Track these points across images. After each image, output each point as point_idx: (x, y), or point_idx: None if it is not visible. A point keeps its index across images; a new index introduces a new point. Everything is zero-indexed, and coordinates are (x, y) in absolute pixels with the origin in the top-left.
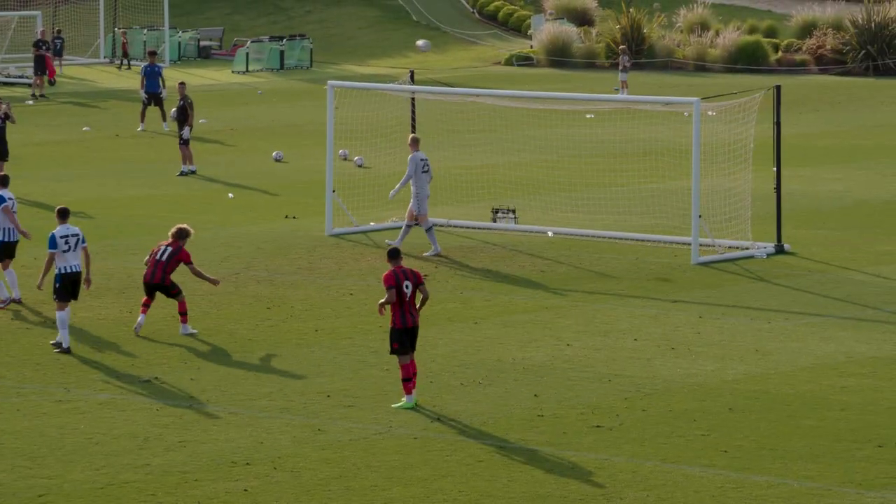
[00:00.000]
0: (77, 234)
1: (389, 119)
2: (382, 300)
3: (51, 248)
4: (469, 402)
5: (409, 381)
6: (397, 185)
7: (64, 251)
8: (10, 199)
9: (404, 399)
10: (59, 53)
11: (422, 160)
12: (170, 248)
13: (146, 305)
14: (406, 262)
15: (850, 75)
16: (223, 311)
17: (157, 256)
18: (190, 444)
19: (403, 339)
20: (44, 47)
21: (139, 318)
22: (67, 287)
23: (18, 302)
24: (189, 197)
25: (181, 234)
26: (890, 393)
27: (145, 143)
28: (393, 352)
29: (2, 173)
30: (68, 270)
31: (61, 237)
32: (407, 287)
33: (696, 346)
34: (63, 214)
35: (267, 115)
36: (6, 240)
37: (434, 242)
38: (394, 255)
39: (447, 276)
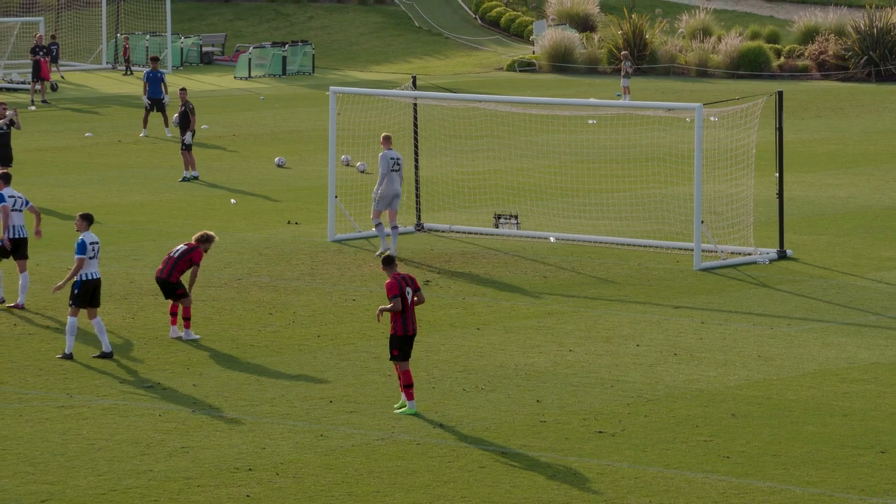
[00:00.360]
0: (98, 242)
1: (392, 125)
2: (385, 307)
3: (80, 253)
4: (471, 408)
5: (410, 386)
6: (376, 187)
7: (90, 258)
8: (10, 197)
9: (406, 405)
10: (55, 59)
11: (392, 158)
12: (185, 247)
13: (174, 314)
14: (407, 267)
15: (853, 81)
16: (225, 317)
17: (172, 253)
18: (192, 449)
19: (405, 345)
20: (41, 53)
21: (171, 330)
22: (86, 294)
23: (21, 308)
24: (191, 203)
25: (203, 238)
26: (892, 399)
27: (148, 148)
28: (393, 358)
29: (3, 171)
30: (89, 277)
31: (90, 243)
32: (409, 294)
33: (699, 351)
34: (91, 220)
35: (269, 120)
36: (10, 237)
37: (383, 238)
38: (389, 262)
39: (449, 282)
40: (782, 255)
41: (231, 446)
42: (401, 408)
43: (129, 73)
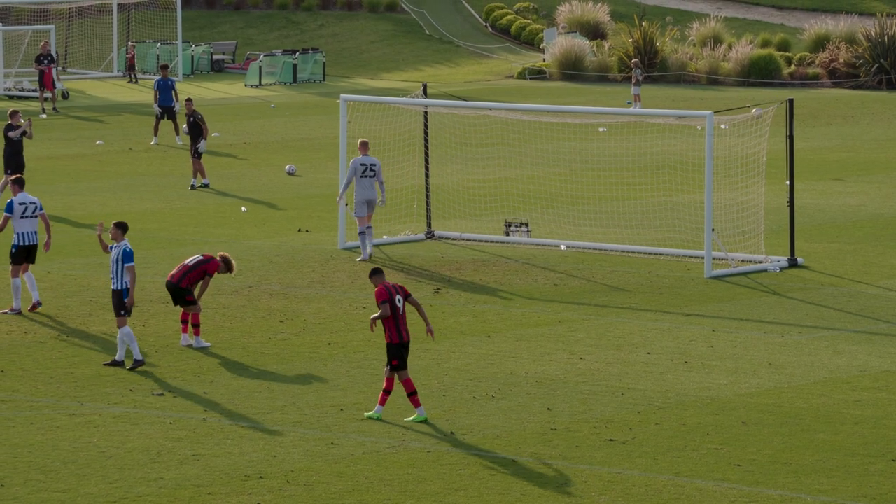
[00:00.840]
0: None
1: (402, 132)
2: (375, 315)
3: (132, 261)
4: (482, 416)
5: (415, 394)
6: (340, 189)
7: None
8: (21, 203)
9: (416, 412)
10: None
11: (362, 164)
12: (201, 258)
13: (184, 322)
14: (417, 275)
15: (864, 89)
16: (236, 325)
17: (187, 262)
18: (203, 457)
19: (402, 353)
20: (45, 62)
21: (182, 338)
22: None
23: (38, 304)
24: (202, 210)
25: (225, 261)
26: None
27: (158, 156)
28: (393, 368)
29: (16, 175)
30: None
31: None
32: (399, 301)
33: (710, 359)
34: (126, 228)
35: (280, 128)
36: (22, 244)
37: (363, 248)
38: (376, 272)
39: (460, 290)
40: (793, 263)
41: (242, 454)
42: (374, 416)
43: (133, 80)
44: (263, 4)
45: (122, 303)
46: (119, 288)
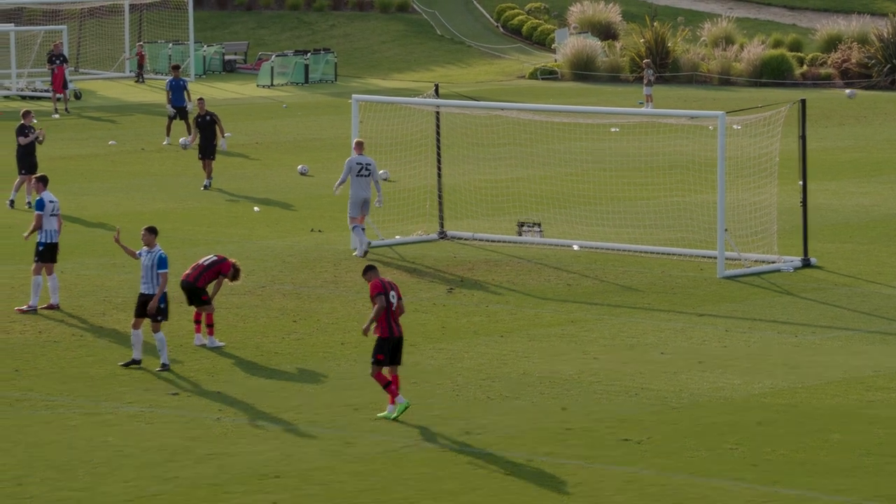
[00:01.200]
0: None
1: (414, 133)
2: (372, 315)
3: (167, 268)
4: (496, 416)
5: (389, 384)
6: (335, 185)
7: None
8: (51, 202)
9: (399, 403)
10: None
11: (357, 164)
12: (216, 258)
13: (198, 321)
14: (430, 275)
15: (876, 89)
16: (250, 325)
17: (202, 261)
18: (219, 456)
19: (391, 349)
20: (57, 61)
21: (196, 338)
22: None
23: (56, 307)
24: (214, 210)
25: (236, 267)
26: None
27: (171, 156)
28: (377, 363)
29: (40, 174)
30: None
31: None
32: (393, 297)
33: (724, 359)
34: (157, 232)
35: (292, 128)
36: (49, 241)
37: (360, 243)
38: (370, 269)
39: (473, 290)
40: (806, 264)
41: (257, 453)
42: (388, 416)
43: (141, 80)
44: (275, 5)
45: (158, 309)
46: (153, 293)
